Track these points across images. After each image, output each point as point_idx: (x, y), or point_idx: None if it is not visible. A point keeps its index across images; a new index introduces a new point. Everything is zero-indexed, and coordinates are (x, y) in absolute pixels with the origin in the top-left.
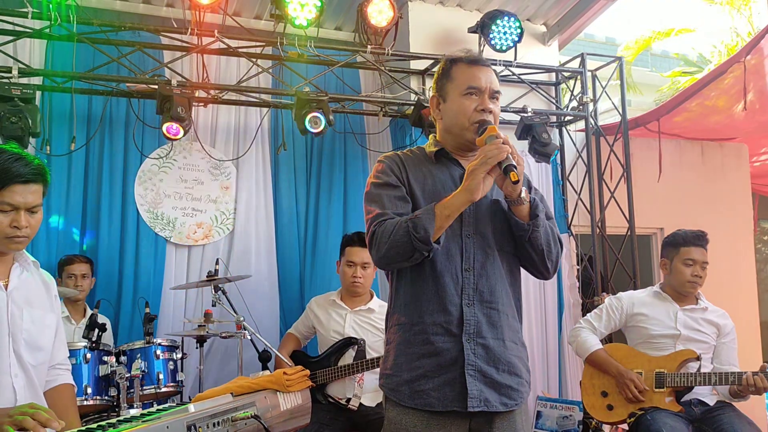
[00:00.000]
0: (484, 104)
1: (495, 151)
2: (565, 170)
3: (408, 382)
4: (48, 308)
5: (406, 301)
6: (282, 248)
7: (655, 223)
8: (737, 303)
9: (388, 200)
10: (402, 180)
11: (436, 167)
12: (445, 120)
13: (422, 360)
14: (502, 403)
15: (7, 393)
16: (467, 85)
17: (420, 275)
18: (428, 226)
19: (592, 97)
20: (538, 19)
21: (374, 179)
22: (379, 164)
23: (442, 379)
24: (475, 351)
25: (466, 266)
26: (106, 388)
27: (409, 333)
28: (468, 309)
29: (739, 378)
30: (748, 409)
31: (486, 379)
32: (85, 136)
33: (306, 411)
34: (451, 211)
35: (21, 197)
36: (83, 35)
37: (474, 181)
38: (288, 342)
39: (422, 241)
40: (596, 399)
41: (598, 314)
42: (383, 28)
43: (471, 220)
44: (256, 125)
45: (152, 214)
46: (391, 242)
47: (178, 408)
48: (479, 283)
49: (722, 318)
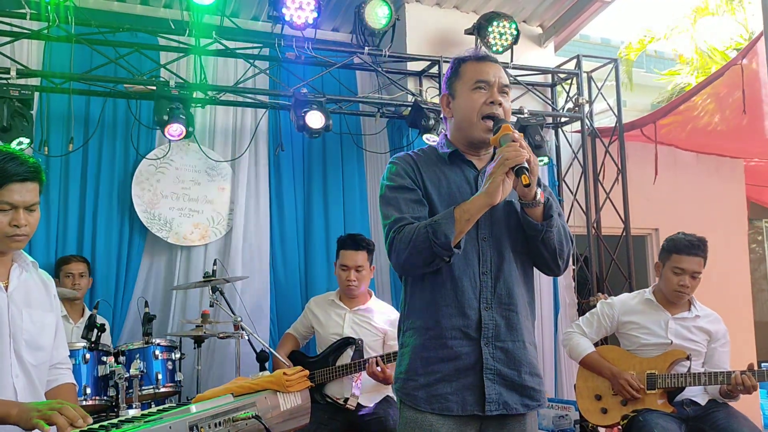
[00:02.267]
0: (493, 97)
1: (513, 154)
2: (561, 171)
3: (424, 387)
4: (47, 308)
5: (423, 305)
6: (278, 249)
7: (650, 224)
8: (731, 303)
9: (405, 204)
10: (417, 182)
11: (449, 168)
12: (456, 117)
13: (439, 364)
14: (523, 404)
15: (8, 393)
16: (475, 80)
17: (438, 279)
18: (448, 231)
19: (588, 99)
20: (535, 21)
21: (389, 182)
22: (392, 166)
23: (461, 383)
24: (494, 355)
25: (484, 269)
26: (105, 388)
27: (425, 337)
28: (486, 313)
29: (728, 377)
30: (743, 408)
31: (507, 381)
32: (83, 137)
33: (305, 411)
34: (471, 215)
35: (19, 196)
36: (81, 36)
37: (493, 185)
38: (286, 342)
39: (443, 246)
40: (590, 402)
41: (589, 320)
42: (380, 29)
43: (486, 222)
44: (254, 126)
45: (149, 214)
46: (411, 249)
47: (180, 408)
48: (497, 287)
49: (714, 323)
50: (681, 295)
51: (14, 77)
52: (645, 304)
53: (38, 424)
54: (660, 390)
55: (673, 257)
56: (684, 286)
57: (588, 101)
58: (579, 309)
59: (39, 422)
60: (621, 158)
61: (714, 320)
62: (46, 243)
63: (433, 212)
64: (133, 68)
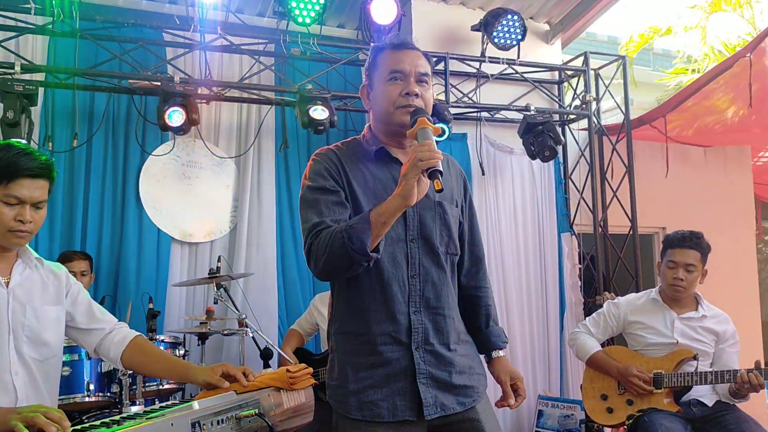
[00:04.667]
0: (408, 88)
1: (427, 155)
2: (568, 169)
3: (355, 393)
4: (54, 302)
5: (351, 310)
6: (283, 246)
7: (657, 223)
8: (739, 302)
9: (326, 206)
10: (340, 183)
11: (375, 165)
12: (374, 108)
13: (370, 371)
14: (459, 403)
15: (8, 391)
16: (389, 70)
17: (366, 284)
18: (364, 236)
19: (595, 96)
20: (542, 18)
21: (309, 182)
22: (314, 163)
23: (391, 389)
24: (425, 358)
25: (413, 273)
26: (109, 384)
27: (355, 342)
28: (415, 317)
29: (734, 376)
30: (749, 408)
31: (440, 383)
32: (87, 132)
33: (309, 409)
34: (387, 218)
35: (28, 191)
36: (86, 31)
37: (407, 187)
38: (291, 338)
39: (359, 252)
40: (596, 402)
41: (596, 320)
42: (386, 25)
43: (415, 224)
44: (259, 123)
45: (156, 210)
46: (328, 255)
47: (183, 405)
48: (425, 290)
49: (722, 324)
50: (677, 290)
51: (18, 72)
52: (651, 303)
53: (17, 426)
54: (666, 389)
55: (667, 252)
56: (678, 278)
57: (595, 98)
58: (585, 308)
59: (17, 425)
60: (628, 156)
61: (722, 321)
62: (50, 238)
63: (358, 212)
64: (137, 64)
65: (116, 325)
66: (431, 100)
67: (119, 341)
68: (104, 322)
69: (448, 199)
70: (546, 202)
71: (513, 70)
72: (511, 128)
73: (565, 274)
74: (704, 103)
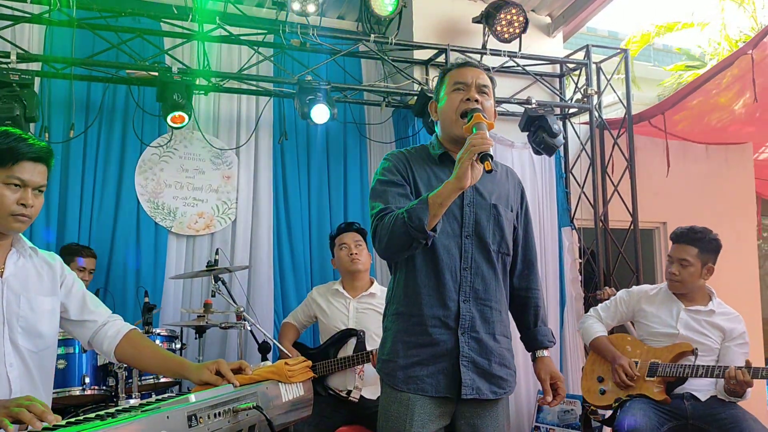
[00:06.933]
0: (469, 94)
1: (479, 141)
2: (569, 163)
3: (403, 368)
4: (48, 293)
5: (407, 293)
6: (282, 238)
7: (658, 218)
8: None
9: (392, 197)
10: (407, 179)
11: (439, 168)
12: (440, 117)
13: (419, 349)
14: (492, 391)
15: (2, 382)
16: (454, 82)
17: (422, 270)
18: (422, 215)
19: (597, 90)
20: (543, 11)
21: (380, 176)
22: (386, 162)
23: (437, 367)
24: (469, 344)
25: (465, 265)
26: (105, 378)
27: (408, 323)
28: (464, 305)
29: (723, 371)
30: (749, 406)
31: (478, 369)
32: (84, 123)
33: (308, 402)
34: (443, 199)
35: (30, 175)
36: (83, 21)
37: (462, 170)
38: (288, 332)
39: (417, 229)
40: (592, 383)
41: (607, 305)
42: (387, 16)
43: (470, 222)
44: (258, 114)
45: (153, 203)
46: (390, 234)
47: (179, 398)
48: (475, 282)
49: (732, 322)
50: (672, 284)
51: (14, 62)
52: (663, 294)
53: (2, 422)
54: (659, 378)
55: (669, 247)
56: (671, 273)
57: (597, 92)
58: (585, 302)
59: (3, 420)
60: (630, 151)
61: (732, 319)
62: (46, 230)
63: None
64: (135, 54)
65: (110, 317)
66: (491, 109)
67: (113, 334)
68: (98, 314)
69: (503, 203)
70: (547, 196)
71: (514, 63)
72: (512, 121)
73: (565, 268)
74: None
